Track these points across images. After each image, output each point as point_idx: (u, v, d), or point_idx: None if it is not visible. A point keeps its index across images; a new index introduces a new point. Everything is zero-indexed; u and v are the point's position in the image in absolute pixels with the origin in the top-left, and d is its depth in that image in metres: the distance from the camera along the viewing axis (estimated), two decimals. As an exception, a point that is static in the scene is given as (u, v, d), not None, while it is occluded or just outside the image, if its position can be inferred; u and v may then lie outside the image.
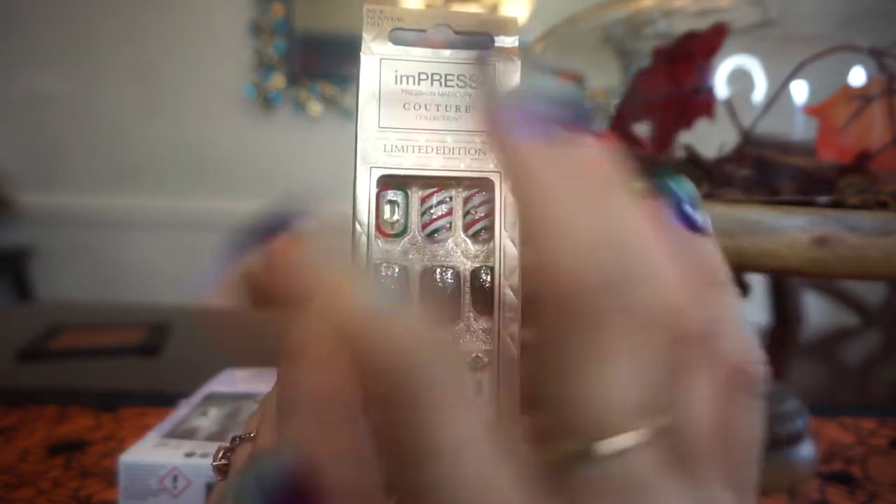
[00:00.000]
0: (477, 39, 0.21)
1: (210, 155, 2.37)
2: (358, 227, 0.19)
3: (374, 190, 0.19)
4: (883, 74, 0.38)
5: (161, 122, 2.35)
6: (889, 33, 0.39)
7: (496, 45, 0.21)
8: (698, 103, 0.44)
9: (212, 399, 0.43)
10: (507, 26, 0.21)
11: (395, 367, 0.12)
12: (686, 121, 0.45)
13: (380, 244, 0.20)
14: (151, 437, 0.37)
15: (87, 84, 2.32)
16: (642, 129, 0.46)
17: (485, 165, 0.20)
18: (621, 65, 0.52)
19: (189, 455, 0.35)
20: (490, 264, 0.20)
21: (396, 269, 0.20)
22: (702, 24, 0.42)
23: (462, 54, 0.20)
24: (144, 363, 0.67)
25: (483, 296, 0.19)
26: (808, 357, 0.88)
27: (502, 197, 0.20)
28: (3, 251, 2.25)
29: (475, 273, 0.20)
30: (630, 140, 0.46)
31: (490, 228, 0.20)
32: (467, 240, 0.20)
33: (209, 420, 0.39)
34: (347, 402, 0.17)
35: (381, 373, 0.13)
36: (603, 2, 0.49)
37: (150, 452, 0.35)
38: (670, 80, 0.44)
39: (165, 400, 0.50)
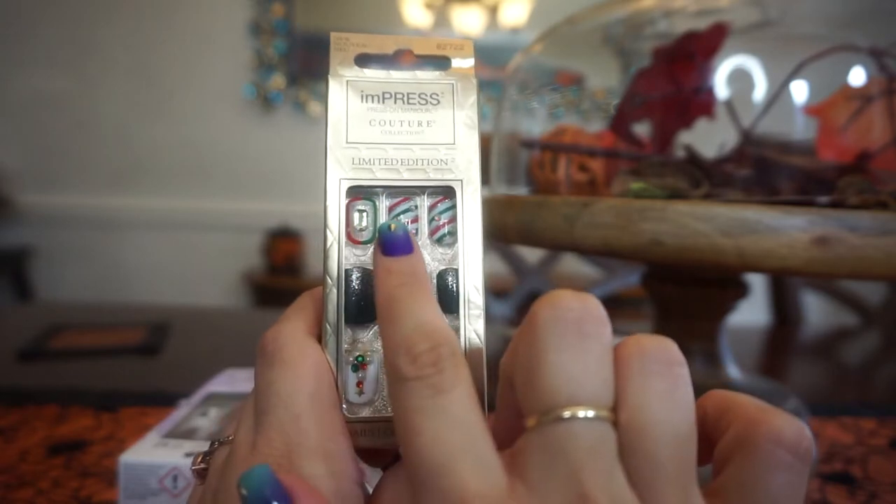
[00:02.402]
0: (436, 62, 0.23)
1: (210, 155, 2.37)
2: (329, 235, 0.21)
3: (344, 200, 0.21)
4: (883, 74, 0.38)
5: (161, 122, 2.35)
6: (889, 33, 0.39)
7: (453, 66, 0.23)
8: (698, 103, 0.44)
9: (212, 399, 0.43)
10: (463, 49, 0.23)
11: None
12: (686, 121, 0.45)
13: (351, 251, 0.21)
14: (151, 437, 0.37)
15: (87, 84, 2.32)
16: (642, 129, 0.46)
17: (447, 175, 0.22)
18: (621, 65, 0.52)
19: (189, 455, 0.35)
20: (455, 267, 0.21)
21: (367, 275, 0.21)
22: (702, 24, 0.42)
23: (421, 75, 0.22)
24: (144, 363, 0.67)
25: (449, 296, 0.21)
26: (808, 357, 0.88)
27: (463, 204, 0.21)
28: (3, 251, 2.25)
29: (441, 275, 0.21)
30: (630, 140, 0.46)
31: (454, 234, 0.21)
32: (433, 244, 0.22)
33: (209, 420, 0.39)
34: (319, 398, 0.19)
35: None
36: (603, 2, 0.49)
37: (150, 452, 0.35)
38: (670, 80, 0.44)
39: (165, 400, 0.50)
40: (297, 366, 0.19)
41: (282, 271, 2.29)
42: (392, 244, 0.19)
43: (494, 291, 1.03)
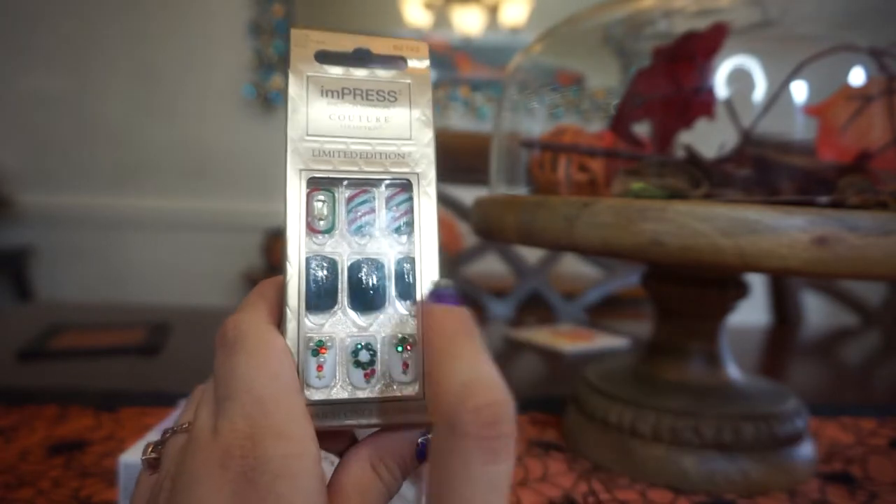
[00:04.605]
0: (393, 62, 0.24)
1: (210, 155, 2.37)
2: (290, 224, 0.21)
3: (305, 191, 0.22)
4: (883, 74, 0.38)
5: (161, 122, 2.35)
6: (889, 33, 0.40)
7: (409, 66, 0.24)
8: (698, 103, 0.44)
9: (212, 399, 0.42)
10: (419, 51, 0.24)
11: None
12: (686, 121, 0.45)
13: (311, 240, 0.22)
14: (151, 438, 0.37)
15: (87, 84, 2.32)
16: (642, 129, 0.46)
17: (404, 169, 0.23)
18: (621, 65, 0.52)
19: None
20: (412, 255, 0.22)
21: (326, 263, 0.22)
22: (702, 24, 0.42)
23: (379, 74, 0.23)
24: (144, 363, 0.67)
25: (406, 284, 0.22)
26: (808, 357, 0.88)
27: (420, 196, 0.22)
28: (3, 251, 2.25)
29: (398, 263, 0.22)
30: (630, 140, 0.46)
31: (410, 224, 0.23)
32: (390, 234, 0.23)
33: (209, 420, 0.39)
34: (282, 382, 0.19)
35: None
36: (603, 2, 0.49)
37: (150, 452, 0.35)
38: (670, 80, 0.44)
39: (165, 400, 0.50)
40: (260, 353, 0.19)
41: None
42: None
43: (494, 291, 1.03)
